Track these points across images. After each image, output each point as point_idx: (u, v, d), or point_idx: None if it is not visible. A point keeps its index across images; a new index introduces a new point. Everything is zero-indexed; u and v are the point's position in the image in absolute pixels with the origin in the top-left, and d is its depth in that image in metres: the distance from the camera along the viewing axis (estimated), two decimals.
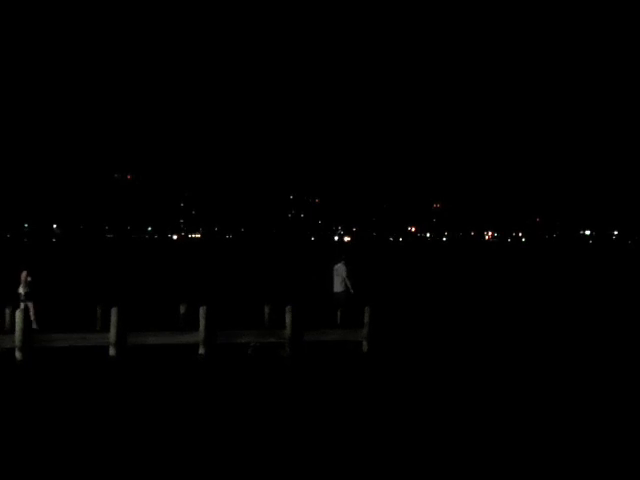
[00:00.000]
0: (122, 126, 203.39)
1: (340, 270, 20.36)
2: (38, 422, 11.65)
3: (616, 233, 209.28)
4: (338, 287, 20.20)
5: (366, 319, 18.82)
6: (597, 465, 10.00)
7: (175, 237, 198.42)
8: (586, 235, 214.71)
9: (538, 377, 15.77)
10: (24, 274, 19.15)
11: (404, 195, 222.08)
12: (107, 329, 17.71)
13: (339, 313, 19.92)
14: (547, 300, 31.78)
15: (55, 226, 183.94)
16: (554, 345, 19.93)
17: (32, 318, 18.58)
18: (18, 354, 16.71)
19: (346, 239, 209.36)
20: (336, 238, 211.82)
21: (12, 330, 17.28)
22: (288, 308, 18.45)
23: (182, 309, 21.00)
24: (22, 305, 18.57)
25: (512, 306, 28.86)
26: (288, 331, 18.40)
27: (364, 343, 18.77)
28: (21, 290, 19.00)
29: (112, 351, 17.32)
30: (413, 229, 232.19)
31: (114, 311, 17.31)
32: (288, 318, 18.39)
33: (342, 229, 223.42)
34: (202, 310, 17.76)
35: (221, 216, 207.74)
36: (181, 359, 17.11)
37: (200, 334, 17.80)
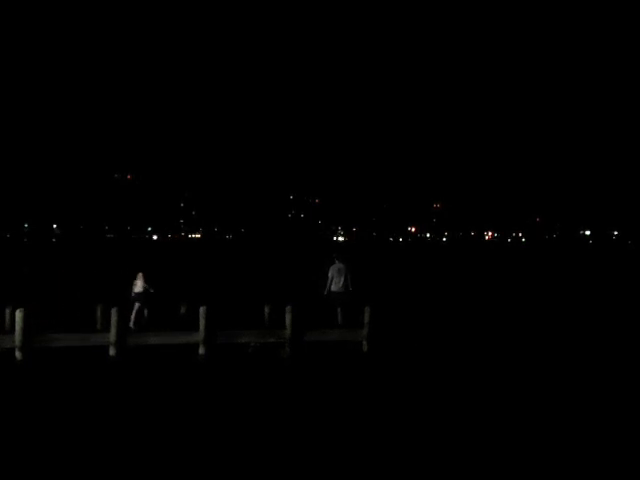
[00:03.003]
0: (122, 126, 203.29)
1: (343, 269, 20.30)
2: (38, 422, 11.66)
3: (616, 233, 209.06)
4: (340, 287, 20.11)
5: (366, 319, 18.83)
6: (597, 465, 10.01)
7: (155, 237, 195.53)
8: (586, 235, 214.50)
9: (538, 377, 15.78)
10: (140, 275, 19.48)
11: (404, 195, 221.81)
12: (107, 329, 17.75)
13: (339, 313, 19.92)
14: (547, 300, 31.77)
15: (55, 226, 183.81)
16: (554, 344, 19.93)
17: (132, 317, 19.05)
18: (18, 354, 16.73)
19: (341, 239, 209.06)
20: (334, 238, 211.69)
21: (12, 330, 17.29)
22: (288, 308, 18.47)
23: (182, 309, 21.05)
24: (136, 305, 19.20)
25: (512, 306, 28.85)
26: (288, 331, 18.42)
27: (364, 343, 18.78)
28: (137, 290, 19.35)
29: (112, 351, 17.34)
30: (413, 229, 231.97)
31: (114, 311, 17.33)
32: (288, 318, 18.41)
33: (342, 229, 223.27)
34: (202, 310, 17.78)
35: (221, 216, 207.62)
36: (181, 359, 17.12)
37: (200, 334, 17.81)
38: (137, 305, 19.27)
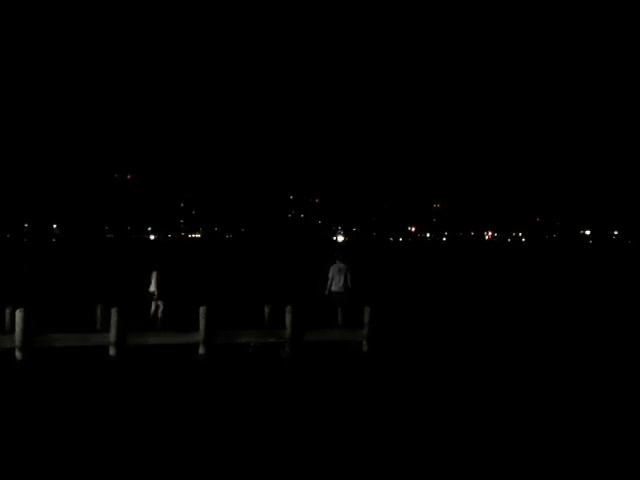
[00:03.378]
0: (122, 126, 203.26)
1: (343, 269, 20.32)
2: (38, 422, 11.65)
3: (616, 233, 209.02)
4: (340, 287, 20.13)
5: (366, 319, 18.82)
6: (597, 465, 10.01)
7: (152, 237, 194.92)
8: (586, 235, 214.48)
9: (539, 377, 15.78)
10: (155, 274, 19.60)
11: (404, 195, 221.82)
12: (107, 329, 17.74)
13: (340, 313, 19.92)
14: (547, 300, 31.78)
15: (55, 226, 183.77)
16: (554, 344, 19.93)
17: (158, 317, 19.41)
18: (18, 354, 16.72)
19: (340, 239, 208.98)
20: (334, 238, 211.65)
21: (12, 330, 17.29)
22: (288, 308, 18.46)
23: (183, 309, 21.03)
24: (154, 305, 19.47)
25: (512, 306, 28.85)
26: (288, 331, 18.41)
27: (364, 343, 18.78)
28: (152, 289, 19.57)
29: (112, 351, 17.33)
30: (413, 229, 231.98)
31: (114, 311, 17.33)
32: (288, 318, 18.40)
33: (342, 229, 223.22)
34: (202, 310, 17.78)
35: (221, 216, 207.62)
36: (181, 359, 17.12)
37: (200, 334, 17.81)
38: (161, 303, 19.59)
